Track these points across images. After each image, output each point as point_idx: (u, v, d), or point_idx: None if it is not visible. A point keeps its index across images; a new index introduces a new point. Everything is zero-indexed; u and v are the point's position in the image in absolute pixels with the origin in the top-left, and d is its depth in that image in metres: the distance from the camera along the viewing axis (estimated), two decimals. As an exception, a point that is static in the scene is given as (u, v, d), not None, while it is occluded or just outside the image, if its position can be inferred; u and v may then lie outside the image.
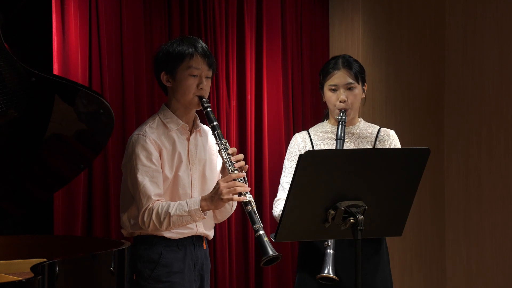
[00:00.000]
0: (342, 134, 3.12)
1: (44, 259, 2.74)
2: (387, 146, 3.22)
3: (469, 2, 5.18)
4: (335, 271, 2.97)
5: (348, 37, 4.95)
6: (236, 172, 2.88)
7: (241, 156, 2.96)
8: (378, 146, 3.23)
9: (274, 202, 3.24)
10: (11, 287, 2.44)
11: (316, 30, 4.97)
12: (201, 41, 3.08)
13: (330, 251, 2.99)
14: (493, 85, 5.06)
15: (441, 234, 5.29)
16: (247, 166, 2.95)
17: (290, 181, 3.14)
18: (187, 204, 2.92)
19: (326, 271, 2.96)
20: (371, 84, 4.92)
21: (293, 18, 4.83)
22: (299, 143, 3.26)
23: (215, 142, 2.98)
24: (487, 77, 5.09)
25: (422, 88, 5.23)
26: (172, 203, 2.94)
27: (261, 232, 2.77)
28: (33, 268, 2.56)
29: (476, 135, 5.15)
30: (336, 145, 3.12)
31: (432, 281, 5.25)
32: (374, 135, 3.25)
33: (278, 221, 3.17)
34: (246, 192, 2.87)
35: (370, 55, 4.94)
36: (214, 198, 2.88)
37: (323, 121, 3.33)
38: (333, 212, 2.52)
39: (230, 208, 3.15)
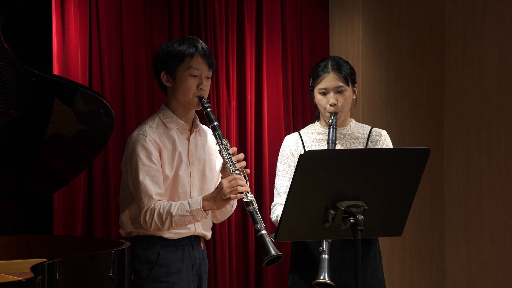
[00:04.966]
0: (334, 138, 3.11)
1: (44, 259, 2.73)
2: (378, 146, 3.22)
3: (469, 2, 5.18)
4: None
5: (348, 37, 4.95)
6: (237, 172, 2.89)
7: (241, 156, 2.96)
8: (370, 146, 3.22)
9: (271, 207, 3.24)
10: (11, 287, 2.44)
11: (316, 30, 4.97)
12: (201, 41, 3.08)
13: (325, 256, 2.97)
14: (493, 85, 5.06)
15: (441, 234, 5.29)
16: (248, 170, 2.95)
17: (284, 184, 3.19)
18: (189, 204, 2.92)
19: (322, 277, 2.94)
20: (371, 84, 4.92)
21: (293, 18, 4.82)
22: (290, 145, 3.25)
23: (216, 143, 2.98)
24: (487, 77, 5.09)
25: (422, 88, 5.22)
26: (173, 203, 2.94)
27: (263, 232, 2.77)
28: (33, 268, 2.56)
29: (476, 135, 5.15)
30: (328, 148, 3.11)
31: (432, 281, 5.25)
32: (366, 136, 3.25)
33: (276, 225, 3.18)
34: (248, 192, 2.87)
35: (370, 55, 4.94)
36: (217, 198, 2.89)
37: (314, 122, 3.33)
38: (333, 212, 2.52)
39: (231, 207, 3.15)
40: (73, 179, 3.43)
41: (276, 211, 3.18)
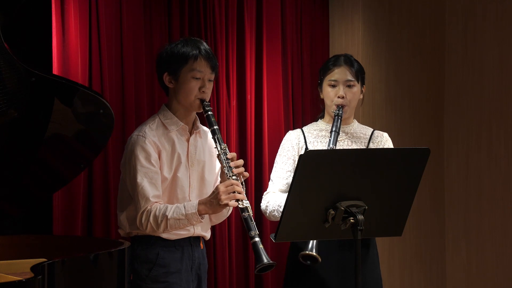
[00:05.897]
0: (338, 127, 3.11)
1: (44, 259, 2.73)
2: (380, 147, 3.22)
3: (469, 2, 5.19)
4: (318, 251, 2.93)
5: (348, 37, 4.95)
6: (234, 177, 2.88)
7: (240, 162, 2.95)
8: (371, 147, 3.23)
9: (264, 194, 3.24)
10: (11, 287, 2.44)
11: (316, 30, 4.97)
12: (204, 43, 3.07)
13: None
14: (493, 85, 5.06)
15: (441, 234, 5.29)
16: (247, 173, 2.95)
17: (280, 176, 3.19)
18: (184, 208, 2.92)
19: (309, 248, 2.94)
20: (371, 84, 4.92)
21: (293, 18, 4.83)
22: (292, 140, 3.26)
23: (214, 146, 2.98)
24: (487, 77, 5.09)
25: (422, 88, 5.23)
26: (169, 206, 2.94)
27: (257, 239, 2.77)
28: (33, 268, 2.56)
29: (476, 135, 5.15)
30: (330, 137, 3.11)
31: (432, 281, 5.25)
32: (368, 136, 3.26)
33: (264, 214, 3.19)
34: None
35: (370, 55, 4.94)
36: (213, 203, 2.89)
37: (317, 121, 3.33)
38: (333, 212, 2.52)
39: (226, 212, 3.15)
40: (73, 179, 3.43)
41: (267, 198, 3.18)
